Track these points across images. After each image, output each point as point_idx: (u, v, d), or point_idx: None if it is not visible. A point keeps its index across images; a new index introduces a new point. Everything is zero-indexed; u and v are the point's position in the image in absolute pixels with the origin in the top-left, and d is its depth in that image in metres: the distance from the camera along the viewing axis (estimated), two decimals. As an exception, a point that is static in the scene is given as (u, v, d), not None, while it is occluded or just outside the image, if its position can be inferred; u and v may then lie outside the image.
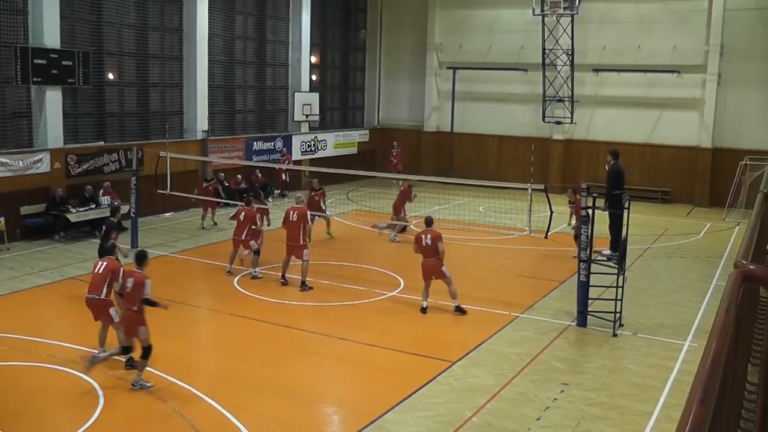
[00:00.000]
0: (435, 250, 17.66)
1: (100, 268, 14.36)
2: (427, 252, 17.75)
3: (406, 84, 44.77)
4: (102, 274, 14.22)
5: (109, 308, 14.21)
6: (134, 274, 13.57)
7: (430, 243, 17.68)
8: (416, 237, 18.12)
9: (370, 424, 11.97)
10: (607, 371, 14.35)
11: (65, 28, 26.29)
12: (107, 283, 14.15)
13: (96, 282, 14.25)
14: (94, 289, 14.23)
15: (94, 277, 14.39)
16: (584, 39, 37.47)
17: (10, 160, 24.37)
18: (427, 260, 17.76)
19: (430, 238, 17.72)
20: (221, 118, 34.68)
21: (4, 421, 11.86)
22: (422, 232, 18.00)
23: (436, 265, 17.66)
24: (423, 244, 17.78)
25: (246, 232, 21.13)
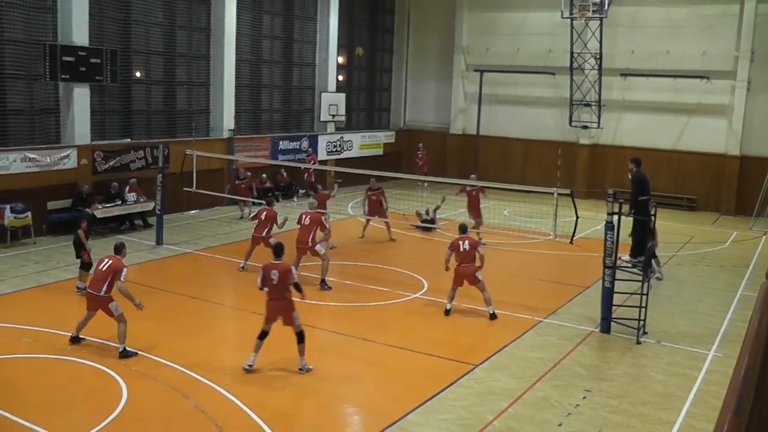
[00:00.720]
0: (473, 256, 17.70)
1: (104, 266, 14.77)
2: (465, 258, 17.70)
3: (432, 86, 44.75)
4: (104, 272, 14.66)
5: (108, 303, 14.66)
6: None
7: (468, 249, 17.69)
8: (453, 244, 17.92)
9: (391, 425, 11.99)
10: (629, 379, 14.28)
11: (94, 26, 26.50)
12: (108, 281, 14.57)
13: (98, 278, 14.73)
14: (95, 285, 14.72)
15: (97, 273, 14.85)
16: (613, 43, 37.29)
17: (38, 155, 24.57)
18: (463, 266, 17.69)
19: (468, 244, 17.74)
20: (247, 117, 34.78)
21: (30, 412, 11.96)
22: (459, 239, 17.87)
23: (473, 271, 17.68)
24: (461, 250, 17.71)
25: (267, 231, 21.22)
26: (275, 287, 14.03)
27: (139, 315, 16.07)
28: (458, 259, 17.82)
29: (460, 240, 17.90)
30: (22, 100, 24.94)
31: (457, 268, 17.85)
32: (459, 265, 17.82)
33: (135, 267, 21.66)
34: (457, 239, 18.01)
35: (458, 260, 17.82)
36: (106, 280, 14.54)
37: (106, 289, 14.54)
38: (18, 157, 23.97)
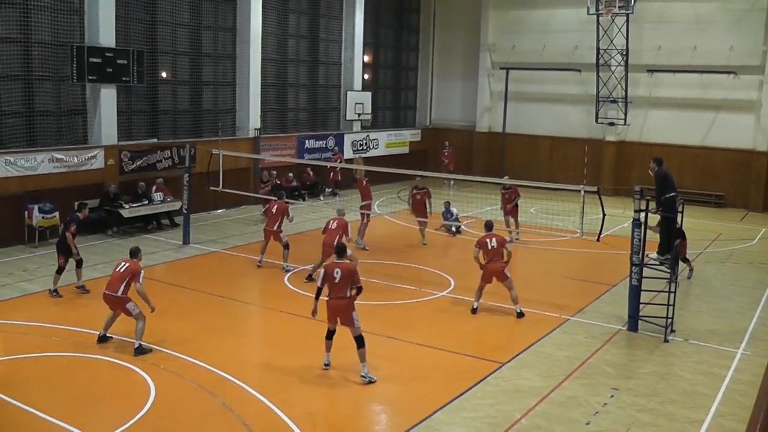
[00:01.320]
0: (500, 253, 17.76)
1: (122, 268, 15.02)
2: (493, 255, 17.74)
3: (458, 84, 44.70)
4: (122, 273, 14.91)
5: (126, 304, 14.88)
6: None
7: (496, 246, 17.73)
8: (480, 241, 17.92)
9: (418, 424, 12.00)
10: (657, 377, 14.22)
11: (120, 28, 26.66)
12: (125, 282, 14.83)
13: (115, 280, 14.93)
14: (112, 286, 14.91)
15: (114, 274, 15.03)
16: (639, 39, 37.09)
17: (65, 156, 24.76)
18: (492, 263, 17.72)
19: (496, 242, 17.78)
20: (273, 117, 34.85)
21: (60, 410, 12.07)
22: (486, 236, 17.92)
23: (501, 268, 17.71)
24: (489, 248, 17.74)
25: (278, 225, 21.43)
26: (336, 286, 13.94)
27: (166, 313, 16.24)
28: (486, 257, 17.82)
29: (488, 237, 17.90)
30: (49, 102, 25.11)
31: (487, 265, 17.84)
32: (488, 262, 17.83)
33: (162, 266, 21.84)
34: (484, 237, 18.00)
35: (486, 257, 17.82)
36: (123, 282, 14.81)
37: (123, 290, 14.81)
38: (46, 157, 24.17)
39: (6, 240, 23.28)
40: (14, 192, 23.47)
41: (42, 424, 11.68)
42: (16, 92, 24.07)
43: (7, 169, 23.13)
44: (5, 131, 23.85)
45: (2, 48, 23.63)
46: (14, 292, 18.72)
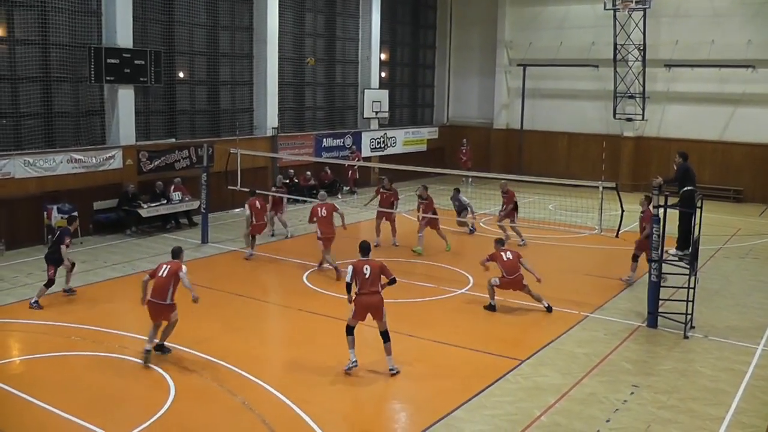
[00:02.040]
0: (517, 266, 17.76)
1: (164, 272, 14.37)
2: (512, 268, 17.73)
3: (475, 81, 44.66)
4: (166, 279, 14.26)
5: (172, 312, 14.38)
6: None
7: (512, 258, 17.75)
8: (495, 255, 17.94)
9: (438, 421, 11.99)
10: (677, 374, 14.15)
11: (137, 28, 26.79)
12: (172, 286, 14.28)
13: (160, 286, 14.27)
14: (159, 294, 14.26)
15: (158, 281, 14.34)
16: (656, 34, 36.97)
17: (84, 156, 24.90)
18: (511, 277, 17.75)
19: (511, 254, 17.87)
20: (291, 115, 34.91)
21: (80, 409, 12.14)
22: (500, 251, 17.96)
23: (520, 281, 17.78)
24: (504, 259, 17.75)
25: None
26: (367, 281, 14.07)
27: (185, 312, 16.21)
28: (504, 269, 17.84)
29: (502, 251, 18.01)
30: (67, 103, 25.24)
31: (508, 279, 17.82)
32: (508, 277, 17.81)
33: (181, 266, 21.88)
34: (498, 251, 18.07)
35: (504, 270, 17.84)
36: (170, 287, 14.26)
37: (171, 296, 14.31)
38: (64, 158, 24.30)
39: (25, 240, 23.45)
40: (33, 192, 23.62)
41: (63, 423, 11.75)
42: (35, 94, 24.20)
43: (26, 169, 23.27)
44: (24, 132, 23.98)
45: (21, 50, 23.79)
46: (34, 292, 18.78)
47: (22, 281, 19.81)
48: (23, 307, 17.56)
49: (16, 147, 23.62)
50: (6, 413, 12.09)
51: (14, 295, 18.56)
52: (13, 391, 12.85)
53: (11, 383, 13.19)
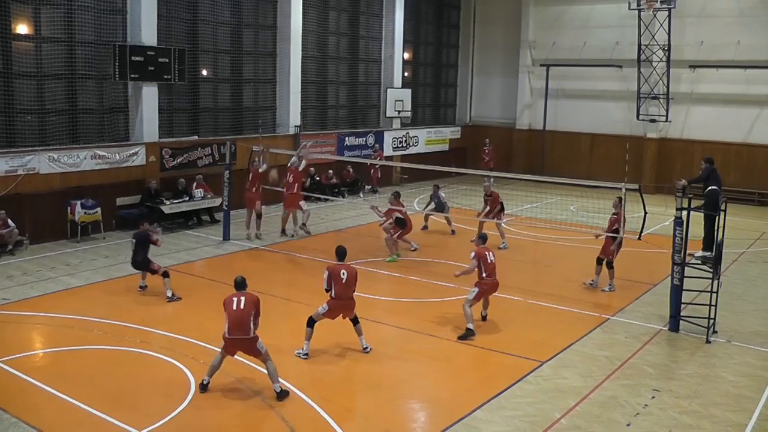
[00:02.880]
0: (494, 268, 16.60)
1: (241, 304, 12.96)
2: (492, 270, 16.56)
3: (498, 81, 44.61)
4: (245, 310, 12.91)
5: (256, 343, 12.98)
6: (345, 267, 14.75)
7: (494, 260, 16.61)
8: (479, 254, 16.46)
9: (458, 422, 11.99)
10: (699, 379, 14.07)
11: (162, 27, 26.94)
12: (252, 317, 12.97)
13: (240, 320, 12.88)
14: (239, 329, 12.88)
15: (236, 314, 12.90)
16: (681, 34, 36.76)
17: (108, 153, 25.04)
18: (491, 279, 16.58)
19: (494, 255, 16.71)
20: (313, 114, 34.97)
21: (102, 402, 12.25)
22: (485, 249, 16.62)
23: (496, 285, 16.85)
24: (488, 261, 16.50)
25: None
26: (344, 286, 14.58)
27: (206, 309, 16.35)
28: (486, 271, 16.50)
29: (487, 251, 16.67)
30: (92, 100, 25.39)
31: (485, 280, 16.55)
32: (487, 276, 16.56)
33: (202, 262, 22.03)
34: (483, 249, 16.69)
35: (487, 272, 16.51)
36: (250, 318, 12.93)
37: (254, 328, 12.99)
38: (88, 154, 24.45)
39: (49, 235, 23.66)
40: (57, 188, 23.81)
41: (85, 416, 11.84)
42: (60, 91, 24.38)
43: (50, 165, 23.43)
44: (49, 129, 24.13)
45: (47, 48, 23.96)
46: (58, 286, 18.96)
47: (45, 275, 19.96)
48: (47, 300, 17.70)
49: (41, 143, 23.79)
50: (29, 405, 12.19)
51: (38, 289, 18.72)
52: (36, 383, 12.97)
53: (34, 375, 13.31)
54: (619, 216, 19.54)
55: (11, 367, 13.68)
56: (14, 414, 11.79)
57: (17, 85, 23.38)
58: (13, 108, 23.33)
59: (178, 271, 20.19)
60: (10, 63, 23.15)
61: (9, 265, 20.95)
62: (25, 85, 23.58)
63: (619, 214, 19.56)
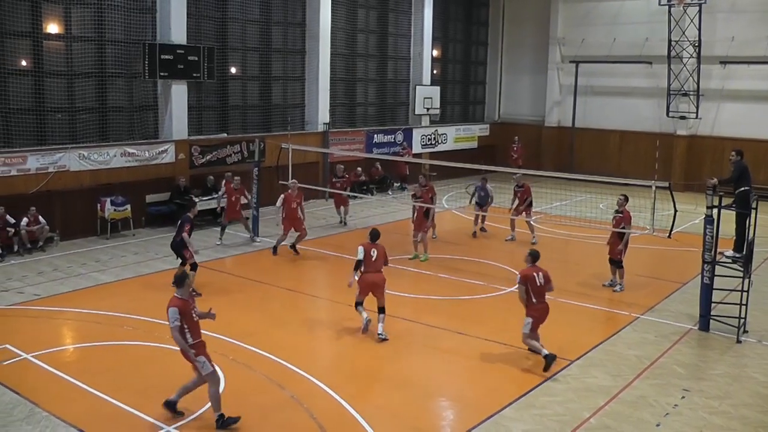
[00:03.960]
0: (546, 291, 14.71)
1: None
2: (540, 292, 14.60)
3: (527, 78, 44.47)
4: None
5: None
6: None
7: (544, 283, 14.56)
8: (527, 275, 14.48)
9: (486, 420, 11.98)
10: (730, 379, 13.96)
11: (191, 25, 27.12)
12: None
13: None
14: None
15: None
16: (711, 30, 36.43)
17: (137, 150, 25.23)
18: (541, 304, 14.62)
19: (543, 277, 14.57)
20: (342, 111, 35.03)
21: (131, 397, 12.37)
22: (532, 269, 14.58)
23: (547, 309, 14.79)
24: (537, 284, 14.46)
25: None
26: (374, 263, 15.68)
27: (235, 305, 16.39)
28: (535, 296, 14.54)
29: (535, 271, 14.59)
30: (122, 98, 25.61)
31: (535, 306, 14.59)
32: (538, 302, 14.61)
33: (231, 259, 22.14)
34: (531, 269, 14.63)
35: (535, 297, 14.54)
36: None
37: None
38: (118, 152, 24.66)
39: (79, 232, 23.89)
40: (87, 185, 24.02)
41: (115, 411, 11.96)
42: (90, 89, 24.62)
43: (80, 163, 23.65)
44: (79, 127, 24.36)
45: (77, 47, 24.20)
46: (88, 282, 19.13)
47: (76, 271, 20.15)
48: (77, 296, 17.86)
49: (71, 141, 24.01)
50: (59, 399, 12.31)
51: (68, 285, 18.91)
52: (67, 378, 13.11)
53: (65, 370, 13.46)
54: (625, 214, 19.38)
55: (42, 362, 13.82)
56: (45, 408, 11.91)
57: (48, 84, 23.62)
58: (44, 106, 23.57)
59: (206, 268, 20.27)
60: (41, 62, 23.40)
61: (40, 262, 21.16)
62: (56, 84, 23.83)
63: (625, 213, 19.41)
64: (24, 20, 22.83)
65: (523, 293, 14.48)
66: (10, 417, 11.60)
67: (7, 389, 12.60)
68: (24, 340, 14.92)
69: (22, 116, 23.19)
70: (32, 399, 12.22)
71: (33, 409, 11.89)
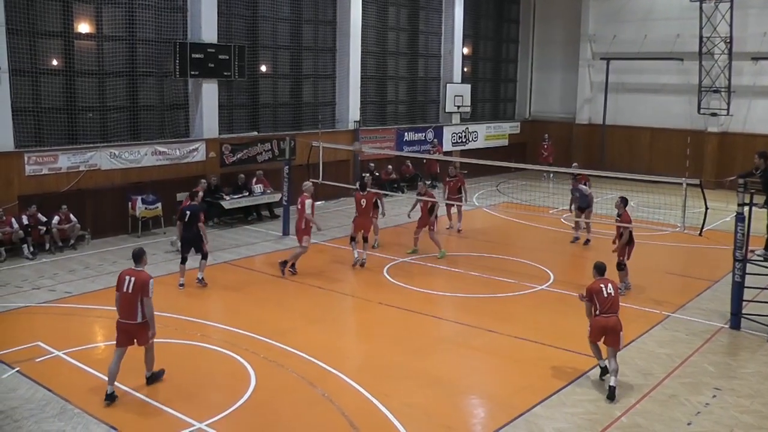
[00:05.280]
0: (617, 303, 13.39)
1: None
2: (609, 305, 13.26)
3: (558, 75, 44.34)
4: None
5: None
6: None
7: (613, 293, 13.32)
8: (594, 289, 13.32)
9: (517, 418, 11.97)
10: (761, 378, 13.86)
11: (222, 24, 27.25)
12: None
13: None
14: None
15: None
16: (743, 25, 36.16)
17: (168, 149, 25.38)
18: (604, 316, 13.21)
19: (612, 288, 13.37)
20: (373, 109, 35.08)
21: (162, 394, 12.51)
22: (601, 281, 13.41)
23: (616, 325, 13.24)
24: (604, 296, 13.19)
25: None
26: (363, 210, 21.07)
27: (266, 303, 16.46)
28: (601, 308, 13.28)
29: (603, 282, 13.41)
30: (153, 96, 25.79)
31: (598, 318, 13.32)
32: (601, 314, 13.28)
33: (262, 257, 22.21)
34: (598, 282, 13.44)
35: (601, 309, 13.27)
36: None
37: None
38: (149, 150, 24.82)
39: (111, 230, 24.10)
40: (119, 183, 24.22)
41: (147, 408, 12.08)
42: (121, 88, 24.81)
43: (112, 161, 23.83)
44: (111, 125, 24.55)
45: (109, 46, 24.38)
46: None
47: (107, 269, 20.28)
48: (108, 294, 17.86)
49: (102, 140, 24.20)
50: (91, 396, 12.40)
51: (99, 283, 19.03)
52: (98, 375, 13.20)
53: (96, 367, 13.58)
54: (624, 217, 19.22)
55: (74, 359, 13.96)
56: (77, 405, 12.02)
57: (79, 83, 23.81)
58: (75, 105, 23.75)
59: (237, 266, 20.40)
60: (72, 61, 23.60)
61: (71, 260, 21.36)
62: (87, 83, 24.01)
63: (624, 216, 19.22)
64: (55, 20, 23.03)
65: (589, 308, 13.42)
66: (43, 413, 11.72)
67: (40, 386, 12.73)
68: (56, 337, 15.08)
69: (54, 115, 23.38)
70: (64, 396, 12.34)
71: (65, 406, 12.00)
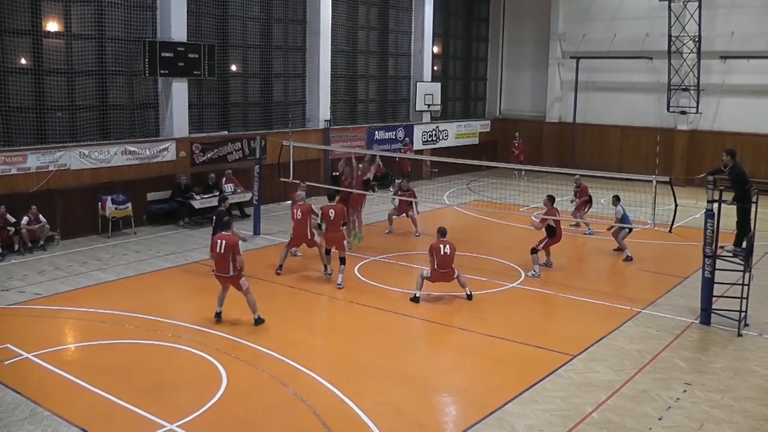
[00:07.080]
0: (451, 260, 18.30)
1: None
2: (445, 263, 18.38)
3: (528, 74, 44.49)
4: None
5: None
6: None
7: (449, 253, 18.18)
8: (434, 247, 18.27)
9: (489, 415, 11.95)
10: (731, 372, 13.95)
11: (192, 23, 27.13)
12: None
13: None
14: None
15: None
16: (712, 25, 36.39)
17: (138, 148, 25.24)
18: (443, 271, 18.60)
19: (449, 248, 18.31)
20: (343, 108, 35.06)
21: (133, 396, 12.33)
22: (440, 242, 18.28)
23: (452, 275, 18.60)
24: (441, 254, 18.13)
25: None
26: (332, 222, 19.29)
27: (237, 303, 16.34)
28: (439, 265, 17.77)
29: (441, 244, 17.78)
30: (122, 96, 25.60)
31: (435, 270, 17.89)
32: (438, 269, 17.85)
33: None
34: (439, 242, 17.87)
35: (439, 266, 17.78)
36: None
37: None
38: (119, 150, 24.67)
39: (80, 230, 23.90)
40: (88, 183, 24.02)
41: (117, 409, 11.92)
42: (91, 87, 24.60)
43: (81, 161, 23.67)
44: (80, 125, 24.35)
45: (77, 44, 24.18)
46: (89, 281, 19.12)
47: (77, 270, 20.14)
48: (78, 295, 17.88)
49: (71, 139, 24.00)
50: (61, 398, 12.29)
51: (69, 284, 18.89)
52: (69, 377, 13.08)
53: (66, 369, 13.44)
54: (549, 211, 20.45)
55: (44, 361, 13.81)
56: (47, 407, 11.88)
57: (48, 82, 23.60)
58: (44, 104, 23.55)
59: (208, 266, 20.30)
60: (41, 60, 23.38)
61: (41, 261, 21.18)
62: (56, 82, 23.80)
63: (548, 210, 20.60)
64: (24, 18, 22.78)
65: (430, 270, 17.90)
66: (12, 417, 11.60)
67: (9, 389, 12.57)
68: (25, 339, 14.91)
69: (23, 115, 23.15)
70: (34, 398, 12.19)
71: (35, 408, 11.87)
